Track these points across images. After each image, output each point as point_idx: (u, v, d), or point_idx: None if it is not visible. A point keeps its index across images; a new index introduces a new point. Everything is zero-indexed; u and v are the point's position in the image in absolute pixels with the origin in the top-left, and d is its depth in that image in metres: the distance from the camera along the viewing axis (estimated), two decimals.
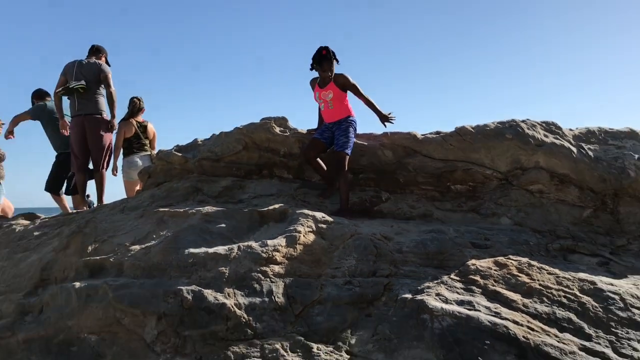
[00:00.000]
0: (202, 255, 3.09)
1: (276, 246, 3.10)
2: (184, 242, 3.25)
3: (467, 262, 3.06)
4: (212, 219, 3.52)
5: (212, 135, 4.81)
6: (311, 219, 3.38)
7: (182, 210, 3.73)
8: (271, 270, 2.98)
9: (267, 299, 2.82)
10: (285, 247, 3.11)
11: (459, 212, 4.04)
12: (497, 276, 2.92)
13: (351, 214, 3.83)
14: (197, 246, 3.19)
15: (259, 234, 3.39)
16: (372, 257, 3.14)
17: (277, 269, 3.00)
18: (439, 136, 4.24)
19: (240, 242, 3.21)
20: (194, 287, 2.86)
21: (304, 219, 3.37)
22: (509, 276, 2.92)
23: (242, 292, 2.86)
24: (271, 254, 3.04)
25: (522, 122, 4.18)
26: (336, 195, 4.11)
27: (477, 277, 2.91)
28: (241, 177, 4.50)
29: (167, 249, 3.19)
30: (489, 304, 2.71)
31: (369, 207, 4.14)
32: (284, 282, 2.93)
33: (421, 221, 3.91)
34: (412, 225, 3.69)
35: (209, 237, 3.32)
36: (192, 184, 4.36)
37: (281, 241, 3.15)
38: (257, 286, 2.89)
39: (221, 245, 3.20)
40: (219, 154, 4.53)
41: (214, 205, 3.87)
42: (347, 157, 4.02)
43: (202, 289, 2.85)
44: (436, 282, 2.91)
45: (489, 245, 3.38)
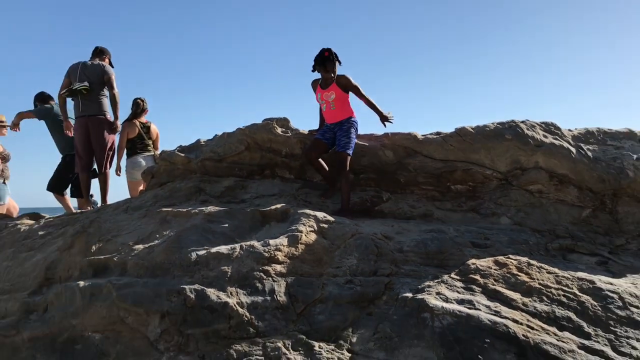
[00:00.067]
0: (205, 254, 3.11)
1: (278, 245, 3.12)
2: (186, 241, 3.27)
3: (467, 262, 3.07)
4: (215, 219, 3.54)
5: (215, 135, 4.84)
6: (313, 219, 3.40)
7: (185, 210, 3.75)
8: (273, 269, 3.00)
9: (269, 298, 2.84)
10: (287, 247, 3.13)
11: (459, 212, 4.06)
12: (497, 275, 2.93)
13: (352, 213, 3.85)
14: (200, 246, 3.21)
15: (261, 234, 3.41)
16: (373, 256, 3.16)
17: (279, 268, 3.01)
18: (439, 137, 4.27)
19: (242, 242, 3.23)
20: (197, 286, 2.88)
21: (306, 219, 3.39)
22: (508, 275, 2.93)
23: (245, 291, 2.88)
24: (273, 254, 3.06)
25: (522, 122, 4.20)
26: (337, 195, 4.14)
27: (477, 276, 2.92)
28: (243, 177, 4.52)
29: (170, 249, 3.21)
30: (489, 302, 2.71)
31: (370, 207, 4.16)
32: (285, 281, 2.95)
33: (421, 221, 3.93)
34: (412, 224, 3.70)
35: (211, 237, 3.34)
36: (195, 184, 4.39)
37: (283, 241, 3.17)
38: (259, 285, 2.91)
39: (224, 244, 3.22)
40: (222, 154, 4.56)
41: (217, 205, 3.89)
42: (349, 158, 4.04)
43: (205, 288, 2.86)
44: (436, 281, 2.93)
45: (488, 244, 3.40)
